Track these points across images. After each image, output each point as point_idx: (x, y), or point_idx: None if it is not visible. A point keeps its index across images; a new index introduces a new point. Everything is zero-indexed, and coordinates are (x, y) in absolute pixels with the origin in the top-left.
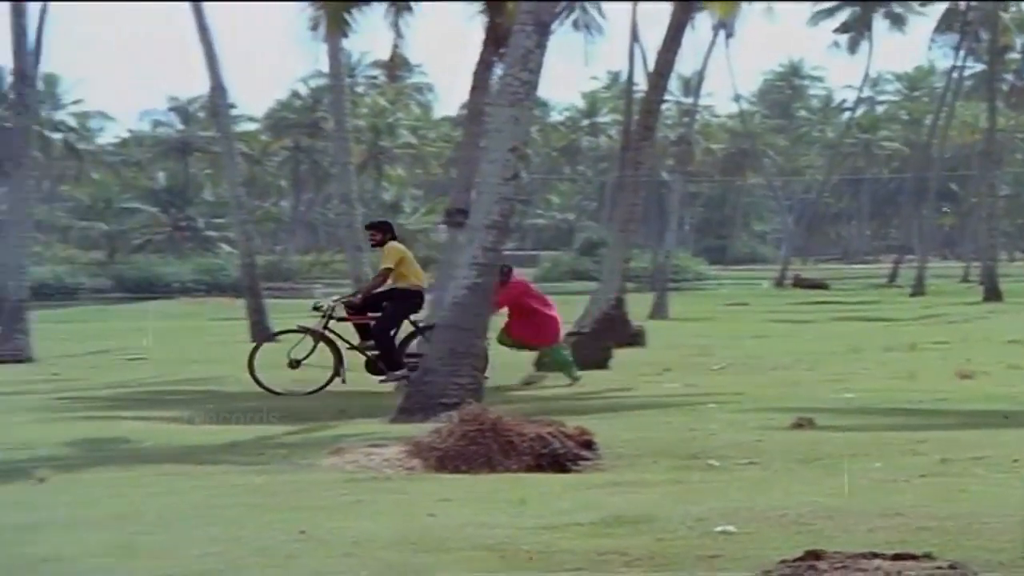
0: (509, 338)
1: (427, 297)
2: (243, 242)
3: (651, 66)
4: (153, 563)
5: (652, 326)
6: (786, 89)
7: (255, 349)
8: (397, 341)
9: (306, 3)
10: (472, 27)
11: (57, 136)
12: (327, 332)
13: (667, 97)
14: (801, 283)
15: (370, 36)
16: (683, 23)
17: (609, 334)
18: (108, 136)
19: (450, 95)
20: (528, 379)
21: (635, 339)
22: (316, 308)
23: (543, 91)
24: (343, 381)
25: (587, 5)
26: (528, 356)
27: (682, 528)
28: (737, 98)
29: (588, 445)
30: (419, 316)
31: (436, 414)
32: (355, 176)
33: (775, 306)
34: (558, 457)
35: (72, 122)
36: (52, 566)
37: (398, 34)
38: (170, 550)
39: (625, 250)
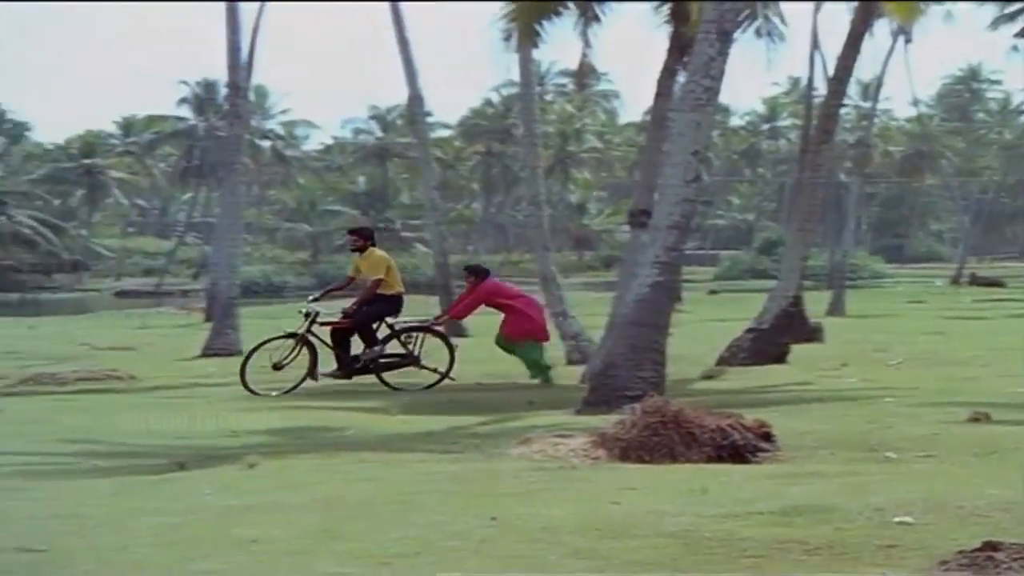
0: (503, 339)
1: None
2: (437, 242)
3: (831, 72)
4: (354, 545)
5: (829, 323)
6: (964, 93)
7: (248, 356)
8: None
9: (500, 10)
10: (657, 36)
11: (266, 144)
12: (308, 336)
13: (846, 101)
14: (978, 281)
15: (560, 46)
16: (862, 30)
17: (787, 330)
18: (313, 143)
19: (635, 101)
20: (708, 373)
21: (813, 335)
22: (306, 315)
23: (725, 97)
24: (315, 379)
25: (770, 14)
26: (705, 352)
27: (860, 518)
28: (915, 102)
29: (767, 437)
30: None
31: (619, 406)
32: (543, 179)
33: (952, 303)
34: (738, 448)
35: (280, 130)
36: (261, 546)
37: (586, 44)
38: (370, 533)
39: (803, 249)
